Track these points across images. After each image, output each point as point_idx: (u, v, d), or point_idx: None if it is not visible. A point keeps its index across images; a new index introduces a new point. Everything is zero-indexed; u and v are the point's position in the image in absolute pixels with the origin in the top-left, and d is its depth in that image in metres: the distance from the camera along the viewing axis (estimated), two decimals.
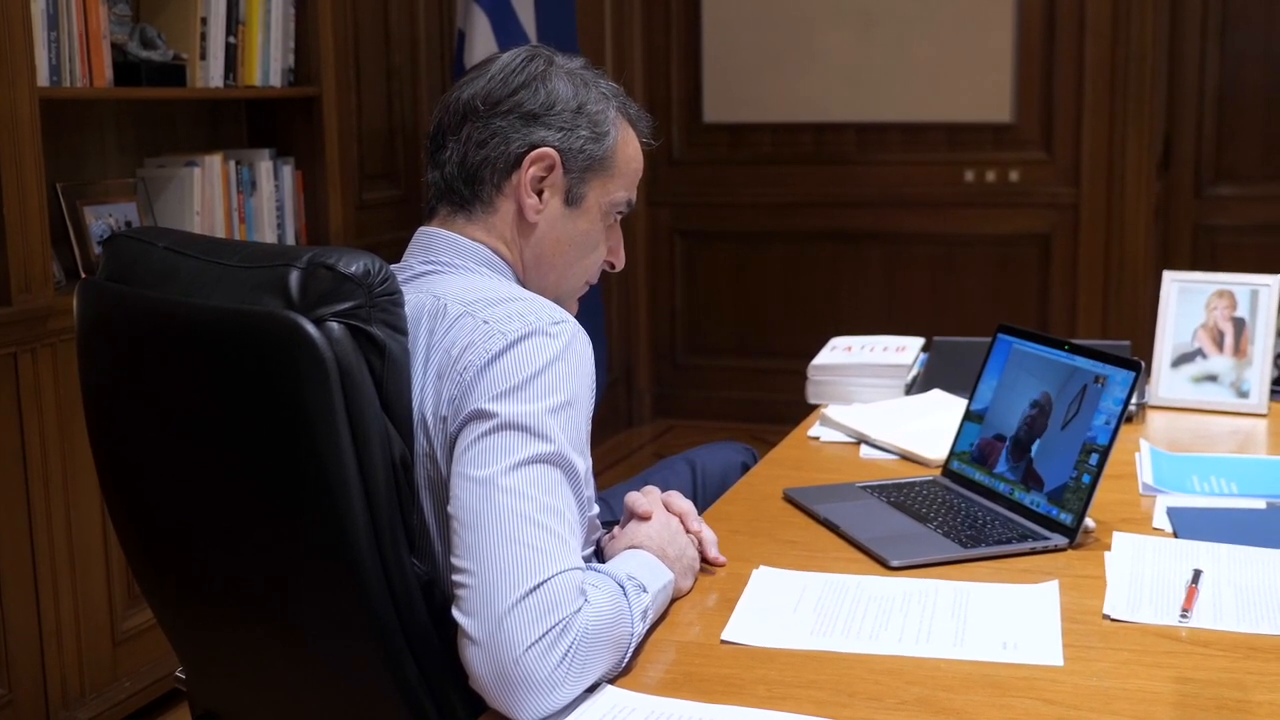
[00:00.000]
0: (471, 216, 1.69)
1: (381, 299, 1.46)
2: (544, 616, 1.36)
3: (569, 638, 1.37)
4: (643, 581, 1.54)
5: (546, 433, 1.45)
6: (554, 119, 1.67)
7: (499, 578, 1.38)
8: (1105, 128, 5.45)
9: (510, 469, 1.42)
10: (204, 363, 1.50)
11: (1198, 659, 1.50)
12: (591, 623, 1.40)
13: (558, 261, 1.72)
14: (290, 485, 1.46)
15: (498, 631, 1.36)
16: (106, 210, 3.33)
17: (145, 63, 3.33)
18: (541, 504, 1.42)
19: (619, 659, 1.46)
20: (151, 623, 3.16)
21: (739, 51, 5.81)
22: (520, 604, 1.36)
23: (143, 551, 1.72)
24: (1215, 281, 2.69)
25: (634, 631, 1.48)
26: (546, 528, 1.41)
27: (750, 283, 6.01)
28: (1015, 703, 1.40)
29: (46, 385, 2.92)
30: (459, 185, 1.68)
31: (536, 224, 1.69)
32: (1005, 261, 5.67)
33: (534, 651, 1.35)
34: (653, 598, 1.55)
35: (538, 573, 1.38)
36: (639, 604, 1.50)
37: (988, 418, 2.14)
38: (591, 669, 1.40)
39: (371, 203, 4.48)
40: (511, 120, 1.66)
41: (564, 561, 1.40)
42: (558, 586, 1.38)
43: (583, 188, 1.70)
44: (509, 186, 1.67)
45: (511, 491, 1.42)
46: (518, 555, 1.38)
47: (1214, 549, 1.82)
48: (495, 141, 1.66)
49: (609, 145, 1.71)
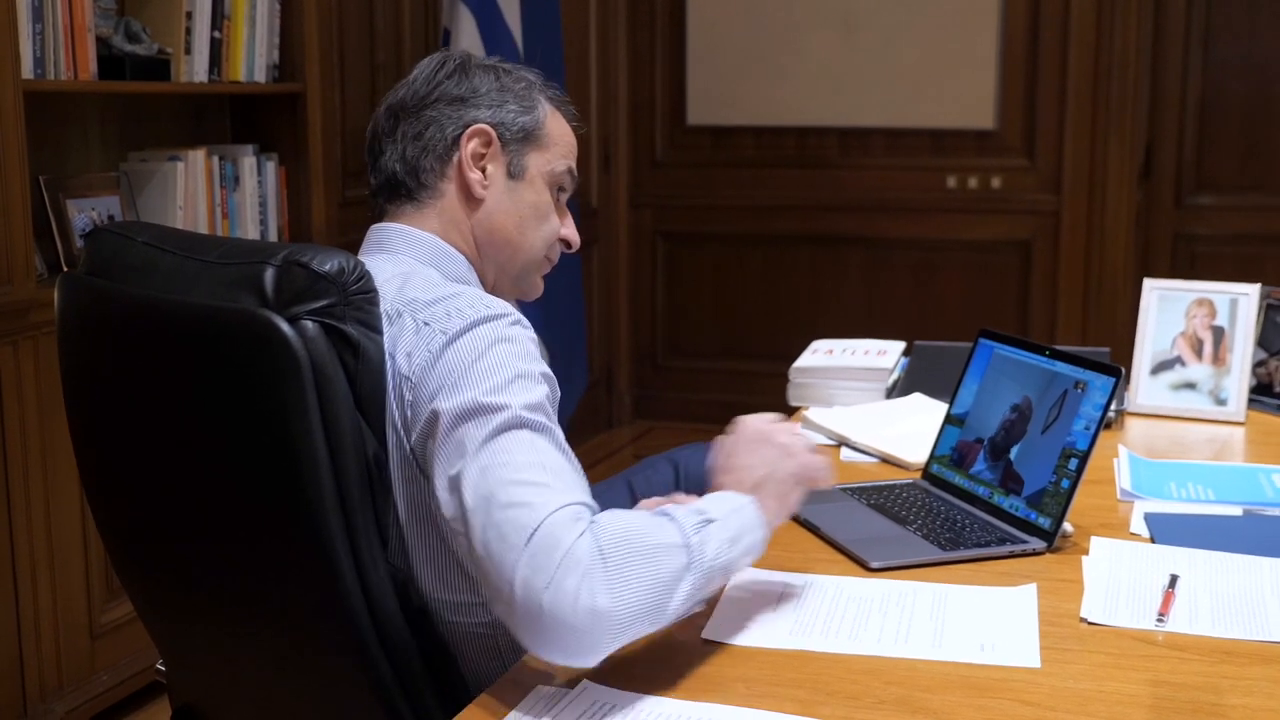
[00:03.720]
0: (420, 205, 1.73)
1: (356, 297, 1.47)
2: (547, 559, 1.33)
3: (580, 564, 1.33)
4: (700, 506, 1.49)
5: (498, 404, 1.44)
6: (481, 99, 1.72)
7: (500, 550, 1.36)
8: (1087, 136, 5.48)
9: (476, 453, 1.42)
10: (181, 359, 1.51)
11: (1173, 662, 1.51)
12: (606, 540, 1.35)
13: (513, 235, 1.75)
14: (264, 482, 1.46)
15: (516, 599, 1.34)
16: (89, 204, 3.33)
17: (130, 56, 3.33)
18: (515, 464, 1.41)
19: (668, 574, 1.39)
20: (129, 616, 3.16)
21: (723, 55, 5.82)
22: (521, 562, 1.34)
23: (122, 545, 1.72)
24: (1195, 290, 2.71)
25: (682, 541, 1.41)
26: (526, 483, 1.40)
27: (732, 285, 6.02)
28: (992, 703, 1.41)
29: (28, 378, 2.92)
30: (403, 178, 1.72)
31: (484, 200, 1.72)
32: (986, 268, 5.69)
33: (550, 595, 1.32)
34: (717, 515, 1.48)
35: (528, 525, 1.35)
36: (688, 519, 1.44)
37: (968, 422, 2.15)
38: (629, 585, 1.35)
39: (354, 200, 4.47)
40: (441, 108, 1.71)
41: (551, 503, 1.37)
42: (550, 526, 1.35)
43: (522, 159, 1.74)
44: (450, 169, 1.71)
45: (483, 470, 1.41)
46: (507, 519, 1.37)
47: (1191, 554, 1.83)
48: (430, 130, 1.71)
49: (539, 117, 1.76)
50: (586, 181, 5.83)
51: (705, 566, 1.43)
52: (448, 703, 1.51)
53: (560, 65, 4.93)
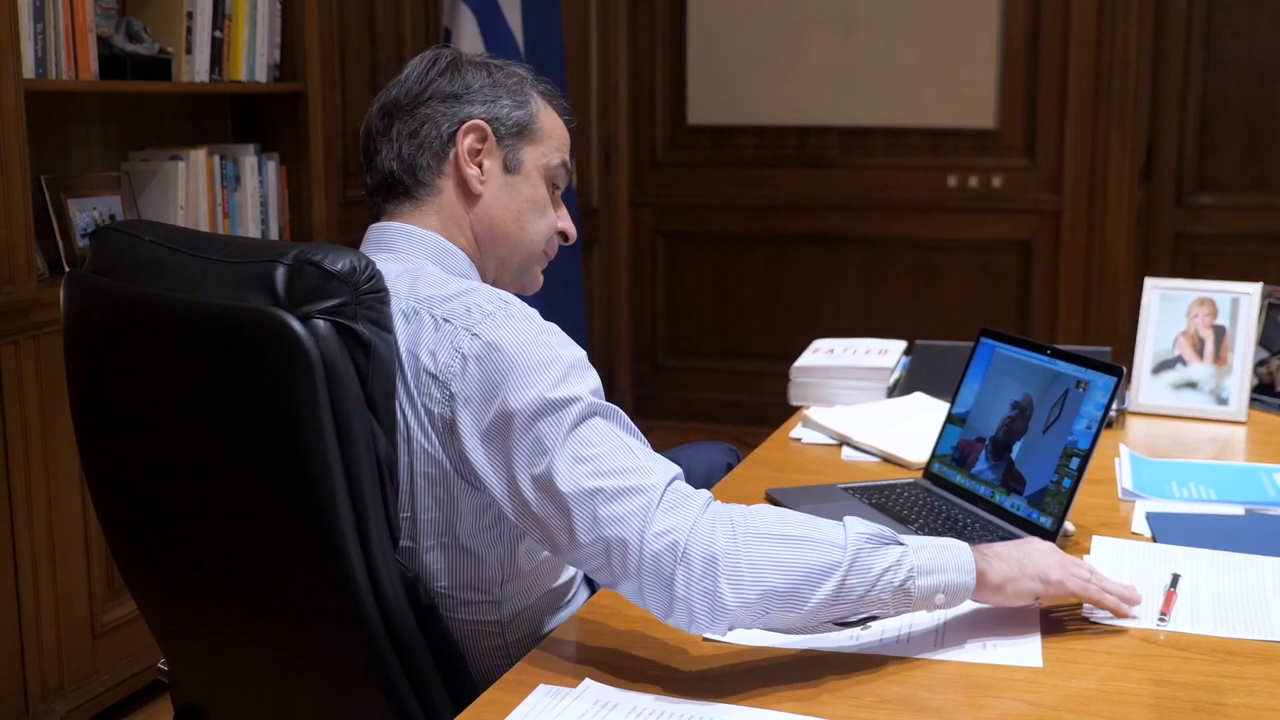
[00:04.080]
0: (419, 203, 1.72)
1: (367, 296, 1.47)
2: (674, 537, 1.40)
3: (709, 538, 1.40)
4: (898, 535, 1.51)
5: (568, 396, 1.47)
6: (475, 95, 1.72)
7: (622, 535, 1.41)
8: (1088, 135, 5.48)
9: (560, 448, 1.44)
10: (190, 358, 1.51)
11: (1175, 662, 1.51)
12: (738, 518, 1.43)
13: (512, 229, 1.75)
14: (275, 481, 1.46)
15: (646, 575, 1.41)
16: (90, 203, 3.33)
17: (131, 56, 3.33)
18: (606, 453, 1.45)
19: (808, 564, 1.42)
20: (131, 616, 3.16)
21: (724, 54, 5.82)
22: (647, 543, 1.40)
23: (128, 544, 1.72)
24: (1196, 289, 2.71)
25: (839, 541, 1.44)
26: (625, 469, 1.44)
27: (732, 285, 6.02)
28: (995, 703, 1.41)
29: (29, 377, 2.92)
30: (400, 177, 1.72)
31: (482, 194, 1.72)
32: (987, 267, 5.69)
33: (682, 571, 1.39)
34: (901, 547, 1.48)
35: (646, 508, 1.41)
36: (857, 527, 1.47)
37: (970, 421, 2.15)
38: (760, 566, 1.40)
39: (355, 199, 4.47)
40: (435, 105, 1.71)
41: (659, 483, 1.43)
42: (667, 504, 1.42)
43: (518, 153, 1.74)
44: (448, 165, 1.71)
45: (575, 463, 1.43)
46: (623, 507, 1.41)
47: (1193, 554, 1.83)
48: (426, 128, 1.71)
49: (533, 111, 1.76)
50: (587, 181, 5.83)
51: (866, 575, 1.44)
52: (455, 698, 1.51)
53: (561, 64, 4.93)
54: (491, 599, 1.62)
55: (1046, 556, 1.59)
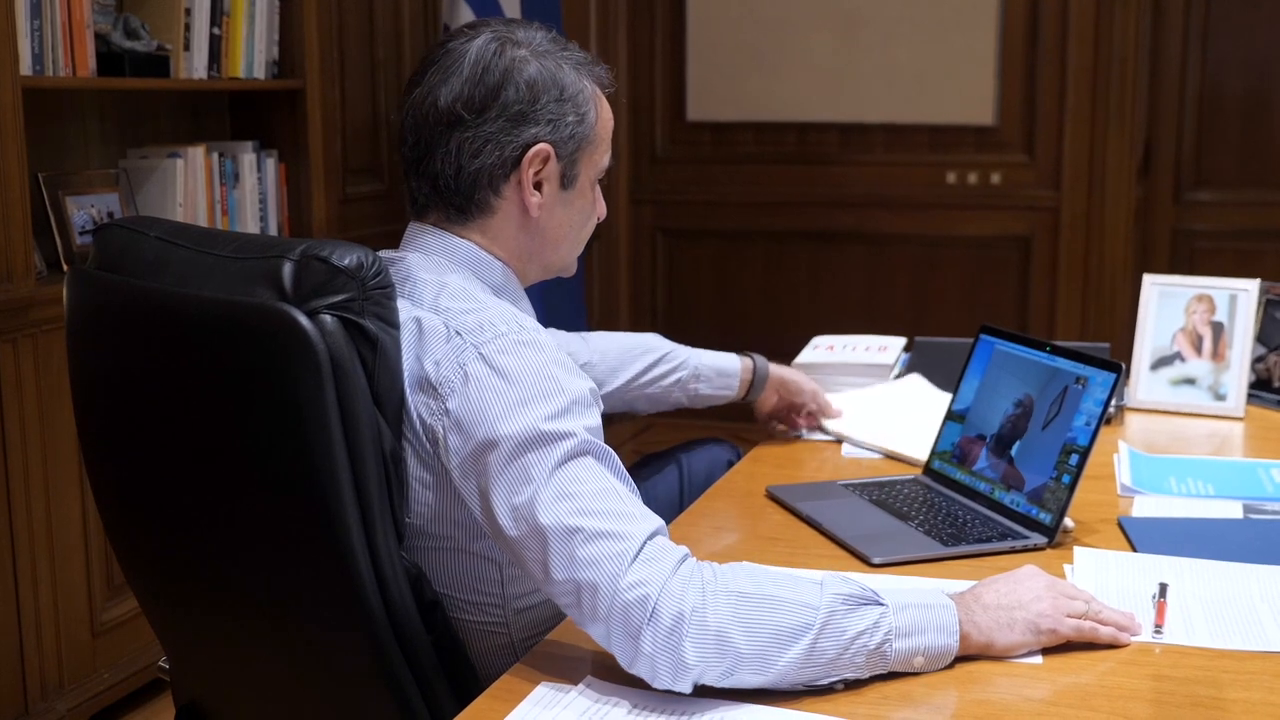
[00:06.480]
0: (468, 218, 1.67)
1: (374, 292, 1.46)
2: (645, 591, 1.37)
3: (680, 597, 1.37)
4: (877, 587, 1.46)
5: (561, 431, 1.45)
6: (541, 113, 1.64)
7: (595, 579, 1.39)
8: (1087, 131, 5.47)
9: (546, 482, 1.43)
10: (196, 353, 1.50)
11: (1174, 657, 1.52)
12: (711, 577, 1.40)
13: (562, 241, 1.73)
14: (281, 476, 1.46)
15: (614, 623, 1.39)
16: (89, 200, 3.33)
17: (129, 53, 3.32)
18: (590, 494, 1.43)
19: (776, 626, 1.39)
20: (131, 614, 3.16)
21: (723, 50, 5.81)
22: (620, 593, 1.38)
23: (130, 541, 1.72)
24: (1195, 285, 2.71)
25: (812, 603, 1.40)
26: (609, 513, 1.42)
27: (732, 281, 6.02)
28: (994, 698, 1.41)
29: (28, 375, 2.92)
30: (454, 196, 1.66)
31: (538, 218, 1.69)
32: (985, 263, 5.69)
33: (650, 629, 1.36)
34: (881, 608, 1.44)
35: (624, 555, 1.39)
36: (835, 587, 1.43)
37: (969, 418, 2.15)
38: (731, 625, 1.38)
39: (354, 197, 4.47)
40: (501, 124, 1.62)
41: (639, 531, 1.41)
42: (646, 557, 1.40)
43: (574, 168, 1.69)
44: (508, 189, 1.66)
45: (558, 499, 1.42)
46: (600, 550, 1.39)
47: (1174, 562, 1.80)
48: (489, 149, 1.63)
49: (591, 118, 1.69)
50: None
51: (839, 637, 1.41)
52: (459, 695, 1.51)
53: None
54: (496, 600, 1.62)
55: (1038, 601, 1.53)
